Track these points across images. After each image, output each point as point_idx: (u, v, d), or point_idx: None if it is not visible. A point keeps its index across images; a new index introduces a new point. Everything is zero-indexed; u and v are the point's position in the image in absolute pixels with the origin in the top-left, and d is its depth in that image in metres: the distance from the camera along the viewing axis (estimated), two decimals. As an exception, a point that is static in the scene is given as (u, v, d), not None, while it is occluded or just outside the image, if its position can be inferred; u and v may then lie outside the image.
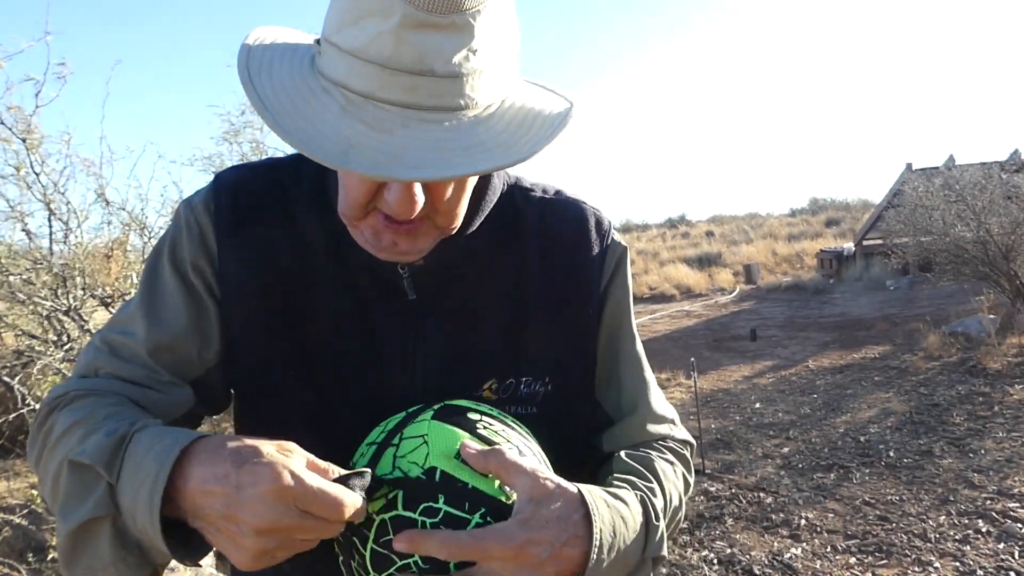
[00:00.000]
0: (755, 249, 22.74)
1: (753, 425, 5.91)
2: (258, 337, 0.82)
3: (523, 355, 0.86)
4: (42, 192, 4.22)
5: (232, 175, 0.86)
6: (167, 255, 0.83)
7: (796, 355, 8.80)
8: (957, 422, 5.42)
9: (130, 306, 0.85)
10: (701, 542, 3.84)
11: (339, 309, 0.83)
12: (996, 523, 3.77)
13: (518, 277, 0.86)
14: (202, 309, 0.82)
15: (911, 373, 7.09)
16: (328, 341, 0.83)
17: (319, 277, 0.83)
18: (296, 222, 0.83)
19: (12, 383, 4.79)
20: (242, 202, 0.83)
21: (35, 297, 4.32)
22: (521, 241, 0.87)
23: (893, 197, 14.39)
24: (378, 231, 0.72)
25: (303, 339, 0.82)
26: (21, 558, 3.67)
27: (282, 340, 0.82)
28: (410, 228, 0.71)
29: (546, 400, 0.86)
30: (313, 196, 0.83)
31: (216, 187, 0.84)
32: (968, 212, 9.22)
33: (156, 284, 0.83)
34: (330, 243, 0.82)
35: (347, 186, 0.70)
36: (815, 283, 15.91)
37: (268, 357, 0.83)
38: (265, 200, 0.84)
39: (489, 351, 0.85)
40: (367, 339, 0.83)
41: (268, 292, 0.82)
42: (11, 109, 3.93)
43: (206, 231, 0.82)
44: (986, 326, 8.01)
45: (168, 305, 0.82)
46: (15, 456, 5.79)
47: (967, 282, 9.94)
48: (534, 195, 0.90)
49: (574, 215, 0.91)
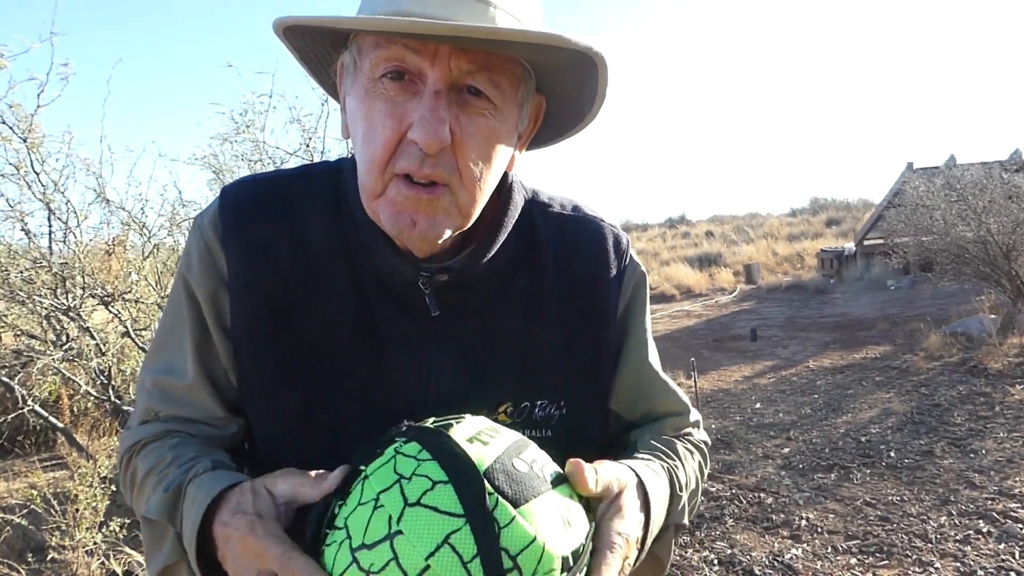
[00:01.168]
0: (755, 249, 22.71)
1: (753, 425, 5.90)
2: (261, 341, 0.81)
3: (539, 378, 0.85)
4: (42, 191, 4.21)
5: (236, 187, 0.86)
6: (183, 288, 0.84)
7: (796, 355, 8.79)
8: (958, 422, 5.41)
9: (167, 339, 0.86)
10: (701, 542, 3.84)
11: (346, 321, 0.81)
12: (997, 523, 3.76)
13: (535, 299, 0.85)
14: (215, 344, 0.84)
15: (912, 373, 7.08)
16: (335, 352, 0.81)
17: (326, 285, 0.81)
18: (304, 229, 0.82)
19: (12, 383, 4.79)
20: (247, 209, 0.83)
21: (35, 296, 4.32)
22: (539, 261, 0.86)
23: (894, 197, 14.37)
24: (398, 207, 0.71)
25: (307, 348, 0.81)
26: (21, 558, 3.67)
27: (284, 346, 0.81)
28: (430, 195, 0.70)
29: (560, 423, 0.85)
30: (325, 204, 0.83)
31: (222, 203, 0.84)
32: (969, 212, 9.20)
33: (178, 317, 0.84)
34: (341, 251, 0.81)
35: (372, 136, 0.70)
36: (815, 283, 15.89)
37: (270, 363, 0.81)
38: (269, 206, 0.83)
39: (505, 374, 0.83)
40: (376, 352, 0.81)
41: (271, 297, 0.81)
42: (12, 107, 3.92)
43: (215, 252, 0.82)
44: (987, 326, 8.00)
45: (197, 340, 0.83)
46: (15, 456, 5.79)
47: (968, 282, 9.93)
48: (552, 211, 0.90)
49: (592, 234, 0.91)
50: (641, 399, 0.94)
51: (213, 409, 0.84)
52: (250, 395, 0.83)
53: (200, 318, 0.83)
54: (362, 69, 0.72)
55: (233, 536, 0.65)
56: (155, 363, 0.87)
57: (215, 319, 0.82)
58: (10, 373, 4.98)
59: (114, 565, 3.40)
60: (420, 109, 0.67)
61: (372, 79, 0.70)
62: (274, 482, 0.69)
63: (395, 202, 0.71)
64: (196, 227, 0.84)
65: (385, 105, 0.69)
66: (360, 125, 0.72)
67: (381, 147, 0.69)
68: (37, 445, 5.93)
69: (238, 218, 0.82)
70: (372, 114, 0.70)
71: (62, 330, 4.92)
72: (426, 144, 0.67)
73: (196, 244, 0.83)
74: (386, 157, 0.69)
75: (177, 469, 0.75)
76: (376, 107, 0.70)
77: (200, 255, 0.82)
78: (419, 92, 0.69)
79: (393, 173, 0.70)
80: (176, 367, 0.84)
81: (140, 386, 0.88)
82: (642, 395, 0.94)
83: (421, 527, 0.57)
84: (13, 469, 5.52)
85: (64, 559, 3.45)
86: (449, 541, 0.57)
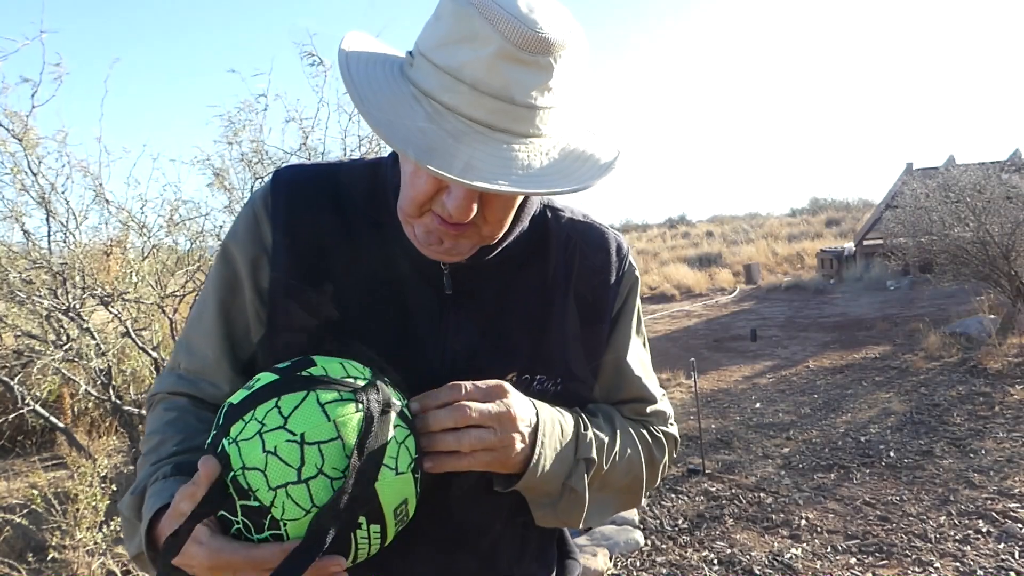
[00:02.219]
0: (755, 249, 22.71)
1: (753, 425, 5.91)
2: (295, 306, 0.90)
3: (542, 356, 0.95)
4: (39, 193, 4.21)
5: (288, 169, 0.97)
6: (224, 253, 0.95)
7: (796, 355, 8.80)
8: (957, 422, 5.42)
9: (203, 298, 0.96)
10: (701, 542, 3.84)
11: (378, 291, 0.91)
12: (996, 523, 3.77)
13: (543, 285, 0.96)
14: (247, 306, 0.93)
15: (911, 373, 7.09)
16: (365, 320, 0.90)
17: (362, 259, 0.91)
18: (345, 209, 0.92)
19: (12, 383, 4.78)
20: (296, 185, 0.93)
21: (34, 296, 4.32)
22: (549, 254, 0.97)
23: (893, 197, 14.37)
24: (430, 230, 0.82)
25: (340, 314, 0.90)
26: (21, 558, 3.67)
27: (318, 312, 0.90)
28: (459, 231, 0.81)
29: (553, 399, 0.94)
30: (364, 192, 0.93)
31: (275, 180, 0.95)
32: (968, 212, 9.21)
33: (212, 280, 0.95)
34: (375, 233, 0.92)
35: (414, 184, 0.79)
36: (815, 283, 15.90)
37: (301, 328, 0.90)
38: (316, 186, 0.94)
39: (514, 346, 0.93)
40: (402, 321, 0.91)
41: (310, 266, 0.90)
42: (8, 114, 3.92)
43: (262, 222, 0.92)
44: (986, 326, 8.01)
45: (223, 299, 0.94)
46: (15, 455, 5.79)
47: (967, 282, 9.92)
48: (563, 215, 1.00)
49: (598, 238, 1.01)
50: (614, 390, 1.03)
51: (223, 366, 0.93)
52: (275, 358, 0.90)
53: (231, 280, 0.93)
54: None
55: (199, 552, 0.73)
56: (189, 321, 0.98)
57: (253, 284, 0.92)
58: (10, 373, 4.97)
59: (114, 565, 3.40)
60: (451, 199, 0.76)
61: None
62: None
63: (428, 227, 0.82)
64: (249, 202, 0.95)
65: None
66: (408, 163, 0.80)
67: (423, 192, 0.78)
68: (37, 445, 5.93)
69: (288, 192, 0.92)
70: (417, 168, 0.78)
71: (62, 330, 4.92)
72: (456, 219, 0.78)
73: (245, 214, 0.94)
74: (425, 199, 0.79)
75: (149, 467, 0.87)
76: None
77: (247, 224, 0.93)
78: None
79: (430, 209, 0.80)
80: (203, 323, 0.95)
81: (177, 342, 1.00)
82: (616, 386, 1.03)
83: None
84: (13, 469, 5.53)
85: (64, 559, 3.45)
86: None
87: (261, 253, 0.92)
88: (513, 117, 0.73)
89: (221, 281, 0.94)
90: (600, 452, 0.93)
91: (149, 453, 0.90)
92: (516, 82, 0.71)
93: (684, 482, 4.71)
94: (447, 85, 0.73)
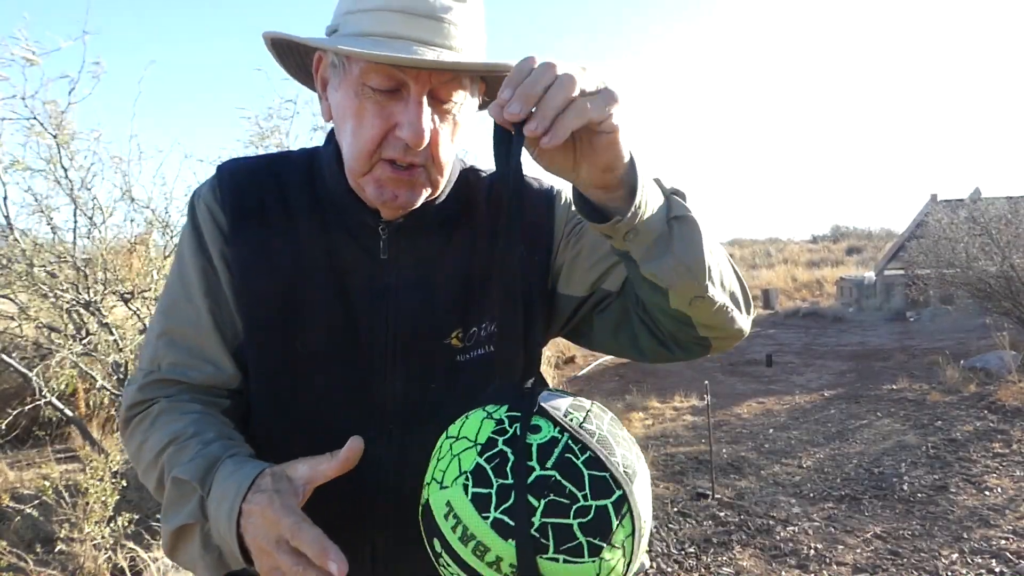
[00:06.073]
0: (774, 274, 22.58)
1: (765, 451, 5.85)
2: (250, 284, 0.94)
3: (478, 303, 0.98)
4: (69, 187, 4.29)
5: (229, 162, 1.01)
6: (193, 247, 0.97)
7: (812, 383, 8.71)
8: (973, 458, 5.33)
9: (176, 296, 0.97)
10: (707, 567, 3.80)
11: (319, 264, 0.95)
12: (1010, 563, 3.69)
13: (473, 241, 1.00)
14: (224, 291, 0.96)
15: (928, 406, 6.99)
16: (309, 289, 0.95)
17: (302, 233, 0.96)
18: (285, 191, 0.98)
19: (31, 375, 4.85)
20: (239, 174, 0.99)
21: (56, 290, 4.38)
22: (475, 208, 1.02)
23: (916, 228, 14.26)
24: (382, 183, 0.88)
25: (286, 288, 0.94)
26: (29, 548, 3.71)
27: (269, 288, 0.94)
28: (410, 175, 0.88)
29: (493, 339, 0.97)
30: (301, 175, 0.99)
31: (219, 173, 0.99)
32: (992, 246, 9.11)
33: (186, 274, 0.97)
34: (315, 209, 0.97)
35: (359, 134, 0.86)
36: (834, 311, 15.77)
37: (257, 304, 0.94)
38: (257, 175, 0.99)
39: (452, 304, 0.97)
40: (342, 292, 0.95)
41: (261, 244, 0.95)
42: (47, 104, 4.00)
43: (215, 212, 0.96)
44: (1006, 362, 7.89)
45: (204, 291, 0.96)
46: (30, 446, 5.86)
47: (989, 316, 9.80)
48: (483, 173, 1.06)
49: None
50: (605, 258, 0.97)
51: (213, 358, 0.96)
52: (244, 335, 0.96)
53: (208, 269, 0.96)
54: (351, 72, 0.86)
55: (254, 511, 0.75)
56: (163, 318, 0.98)
57: (225, 272, 0.96)
58: (29, 364, 5.04)
59: (120, 560, 3.42)
60: (408, 114, 0.84)
61: (361, 84, 0.85)
62: (294, 467, 0.80)
63: (380, 180, 0.88)
64: (195, 200, 0.98)
65: (374, 107, 0.86)
66: (349, 119, 0.87)
67: (370, 140, 0.85)
68: (52, 437, 6.00)
69: (233, 183, 0.97)
70: (363, 113, 0.86)
71: (82, 324, 4.98)
72: (414, 143, 0.84)
73: (199, 210, 0.97)
74: (374, 147, 0.86)
75: (207, 444, 0.86)
76: (367, 108, 0.86)
77: (204, 218, 0.96)
78: (403, 98, 0.85)
79: (380, 157, 0.87)
80: (187, 316, 0.96)
81: (146, 343, 1.00)
82: (607, 256, 0.96)
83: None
84: (27, 459, 5.59)
85: (71, 551, 3.48)
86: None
87: (223, 241, 0.96)
88: (430, 29, 0.83)
89: (201, 272, 0.96)
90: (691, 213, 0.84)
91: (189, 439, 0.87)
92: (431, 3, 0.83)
93: (692, 506, 4.67)
94: (380, 17, 0.83)
